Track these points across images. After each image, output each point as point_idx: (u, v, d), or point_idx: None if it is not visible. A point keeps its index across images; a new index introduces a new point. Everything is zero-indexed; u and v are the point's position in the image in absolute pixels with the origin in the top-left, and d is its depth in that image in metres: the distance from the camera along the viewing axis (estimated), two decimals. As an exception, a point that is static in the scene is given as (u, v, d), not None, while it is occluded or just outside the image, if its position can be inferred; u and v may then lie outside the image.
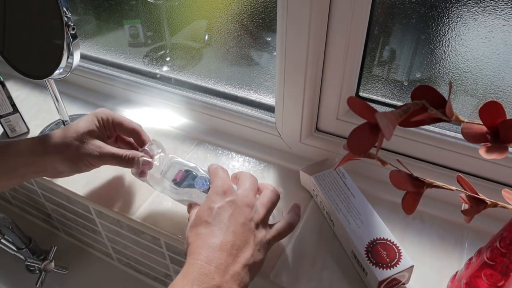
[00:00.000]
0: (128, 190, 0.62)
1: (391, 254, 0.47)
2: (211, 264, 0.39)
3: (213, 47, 0.74)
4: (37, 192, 0.78)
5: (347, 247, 0.52)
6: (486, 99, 0.53)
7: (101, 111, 0.59)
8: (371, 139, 0.33)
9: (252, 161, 0.68)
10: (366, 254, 0.47)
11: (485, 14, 0.46)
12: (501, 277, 0.40)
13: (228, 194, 0.46)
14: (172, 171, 0.54)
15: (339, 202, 0.53)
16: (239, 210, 0.45)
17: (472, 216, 0.40)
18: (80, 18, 0.85)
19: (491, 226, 0.53)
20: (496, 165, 0.54)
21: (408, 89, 0.57)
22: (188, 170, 0.53)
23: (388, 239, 0.49)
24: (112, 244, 0.76)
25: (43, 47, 0.60)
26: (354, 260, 0.50)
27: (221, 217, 0.44)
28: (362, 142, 0.34)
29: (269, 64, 0.68)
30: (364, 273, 0.48)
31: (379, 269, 0.46)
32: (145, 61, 0.82)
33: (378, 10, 0.52)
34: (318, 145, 0.65)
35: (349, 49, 0.54)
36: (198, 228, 0.44)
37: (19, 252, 0.76)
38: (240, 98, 0.72)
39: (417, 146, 0.58)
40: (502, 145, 0.35)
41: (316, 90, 0.60)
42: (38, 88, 0.88)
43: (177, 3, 0.71)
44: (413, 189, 0.41)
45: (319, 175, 0.57)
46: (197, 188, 0.52)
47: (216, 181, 0.49)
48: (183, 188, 0.52)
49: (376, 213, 0.52)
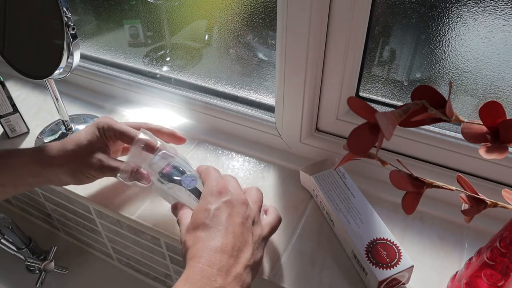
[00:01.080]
0: (128, 190, 0.62)
1: (391, 254, 0.47)
2: (213, 267, 0.39)
3: (213, 47, 0.74)
4: (37, 192, 0.79)
5: (347, 247, 0.52)
6: (486, 99, 0.53)
7: (102, 120, 0.56)
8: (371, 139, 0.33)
9: (252, 161, 0.68)
10: (366, 254, 0.47)
11: (485, 14, 0.46)
12: (501, 277, 0.40)
13: (223, 194, 0.46)
14: (161, 163, 0.53)
15: (339, 202, 0.53)
16: (235, 210, 0.44)
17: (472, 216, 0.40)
18: (80, 18, 0.85)
19: (491, 226, 0.53)
20: (496, 165, 0.54)
21: (408, 89, 0.57)
22: (176, 166, 0.53)
23: (388, 239, 0.49)
24: (112, 244, 0.76)
25: (43, 47, 0.60)
26: (354, 260, 0.50)
27: (219, 218, 0.43)
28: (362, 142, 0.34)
29: (269, 64, 0.68)
30: (364, 273, 0.48)
31: (379, 269, 0.46)
32: (145, 61, 0.82)
33: (378, 10, 0.52)
34: (318, 145, 0.65)
35: (349, 49, 0.54)
36: (197, 231, 0.43)
37: (19, 252, 0.76)
38: (240, 98, 0.72)
39: (417, 146, 0.58)
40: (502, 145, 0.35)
41: (316, 90, 0.60)
42: (38, 88, 0.88)
43: (177, 3, 0.71)
44: (413, 189, 0.41)
45: (319, 175, 0.57)
46: (183, 185, 0.51)
47: (210, 180, 0.48)
48: (168, 182, 0.52)
49: (376, 213, 0.52)
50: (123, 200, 0.60)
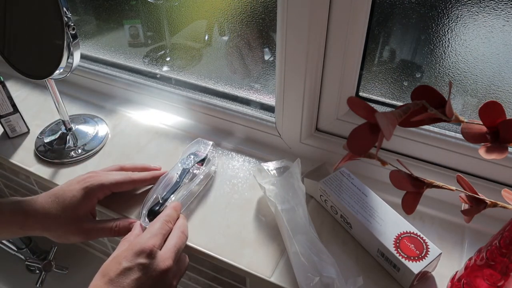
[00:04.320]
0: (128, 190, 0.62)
1: (418, 245, 0.47)
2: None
3: (213, 47, 0.74)
4: (37, 192, 0.79)
5: (371, 247, 0.51)
6: (486, 99, 0.53)
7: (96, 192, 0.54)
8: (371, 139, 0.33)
9: (252, 161, 0.68)
10: (396, 250, 0.47)
11: (485, 14, 0.46)
12: (501, 277, 0.40)
13: (143, 256, 0.43)
14: None
15: (354, 203, 0.53)
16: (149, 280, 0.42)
17: (472, 216, 0.40)
18: (80, 18, 0.85)
19: (491, 226, 0.53)
20: (496, 165, 0.54)
21: (408, 89, 0.57)
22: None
23: (411, 231, 0.49)
24: (112, 244, 0.76)
25: (43, 47, 0.60)
26: (381, 258, 0.50)
27: (123, 280, 0.41)
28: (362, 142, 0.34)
29: (269, 64, 0.68)
30: (396, 269, 0.48)
31: (412, 262, 0.46)
32: (145, 61, 0.82)
33: (378, 10, 0.52)
34: (318, 145, 0.65)
35: (349, 49, 0.54)
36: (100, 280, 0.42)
37: (19, 252, 0.76)
38: (240, 98, 0.72)
39: (417, 146, 0.58)
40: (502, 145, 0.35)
41: (316, 90, 0.60)
42: (38, 88, 0.88)
43: (177, 3, 0.71)
44: (413, 189, 0.41)
45: (326, 180, 0.57)
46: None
47: (144, 233, 0.46)
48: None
49: (391, 207, 0.52)
50: (123, 200, 0.60)
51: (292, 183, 0.54)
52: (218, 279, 0.61)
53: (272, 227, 0.56)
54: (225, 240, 0.54)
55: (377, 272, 0.50)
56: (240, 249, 0.53)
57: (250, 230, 0.56)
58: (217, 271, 0.60)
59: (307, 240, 0.49)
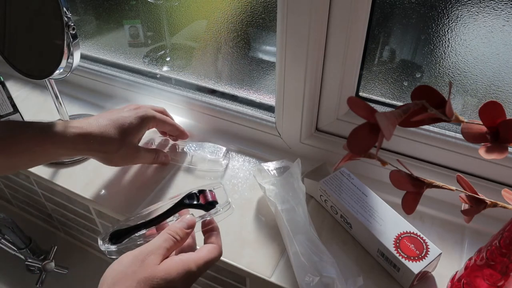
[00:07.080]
0: (128, 190, 0.62)
1: (418, 245, 0.48)
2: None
3: (213, 47, 0.74)
4: (37, 192, 0.78)
5: (371, 247, 0.51)
6: (486, 99, 0.53)
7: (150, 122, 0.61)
8: (371, 139, 0.33)
9: (252, 161, 0.68)
10: (396, 250, 0.47)
11: (485, 14, 0.46)
12: (501, 277, 0.40)
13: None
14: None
15: (354, 203, 0.53)
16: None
17: (472, 216, 0.40)
18: (80, 18, 0.85)
19: (491, 226, 0.53)
20: (496, 165, 0.54)
21: (408, 89, 0.57)
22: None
23: (411, 231, 0.49)
24: (112, 244, 0.76)
25: (43, 47, 0.60)
26: (381, 258, 0.50)
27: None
28: (362, 142, 0.34)
29: (269, 64, 0.68)
30: (396, 269, 0.48)
31: (412, 262, 0.46)
32: (145, 61, 0.82)
33: (378, 10, 0.52)
34: (318, 145, 0.65)
35: (349, 49, 0.54)
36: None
37: (19, 252, 0.76)
38: (240, 98, 0.72)
39: (417, 146, 0.58)
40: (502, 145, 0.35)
41: (316, 90, 0.60)
42: (38, 88, 0.88)
43: (177, 3, 0.71)
44: (413, 189, 0.41)
45: (326, 180, 0.57)
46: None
47: (159, 239, 0.41)
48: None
49: (391, 207, 0.52)
50: (123, 200, 0.60)
51: (292, 183, 0.54)
52: (218, 279, 0.61)
53: (272, 227, 0.56)
54: (225, 240, 0.54)
55: (377, 272, 0.50)
56: (240, 249, 0.53)
57: (250, 230, 0.56)
58: (217, 271, 0.60)
59: (307, 240, 0.49)
